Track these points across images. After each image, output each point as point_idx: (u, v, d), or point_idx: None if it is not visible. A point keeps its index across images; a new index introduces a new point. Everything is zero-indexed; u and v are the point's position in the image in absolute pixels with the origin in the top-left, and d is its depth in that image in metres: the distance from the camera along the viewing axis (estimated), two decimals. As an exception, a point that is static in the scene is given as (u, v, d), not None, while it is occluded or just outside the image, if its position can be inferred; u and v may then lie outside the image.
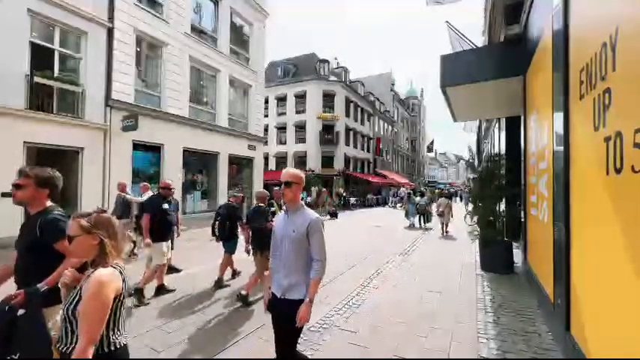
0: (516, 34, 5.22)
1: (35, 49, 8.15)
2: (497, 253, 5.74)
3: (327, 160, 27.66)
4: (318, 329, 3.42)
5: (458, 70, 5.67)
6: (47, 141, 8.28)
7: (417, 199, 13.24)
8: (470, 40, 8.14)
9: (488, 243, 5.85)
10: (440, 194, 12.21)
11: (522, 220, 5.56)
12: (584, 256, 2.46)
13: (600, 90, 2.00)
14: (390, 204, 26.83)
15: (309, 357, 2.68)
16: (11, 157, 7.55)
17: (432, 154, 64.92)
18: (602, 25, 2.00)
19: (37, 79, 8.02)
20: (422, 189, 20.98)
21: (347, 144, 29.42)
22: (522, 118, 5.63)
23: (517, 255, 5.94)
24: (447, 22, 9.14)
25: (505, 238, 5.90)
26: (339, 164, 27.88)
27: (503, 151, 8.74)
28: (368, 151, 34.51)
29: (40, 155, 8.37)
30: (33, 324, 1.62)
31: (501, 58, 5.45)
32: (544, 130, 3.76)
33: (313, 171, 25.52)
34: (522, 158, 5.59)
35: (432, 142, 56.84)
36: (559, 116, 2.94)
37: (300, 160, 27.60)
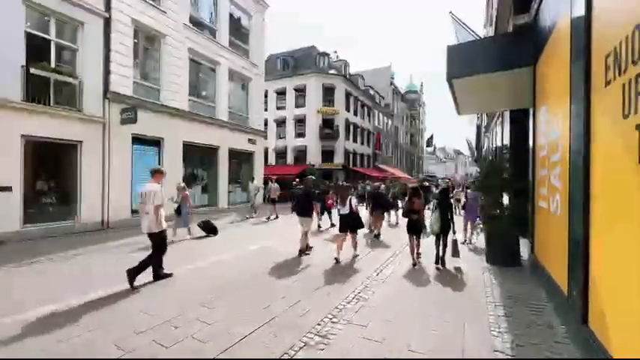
0: (526, 23, 5.10)
1: (31, 39, 7.94)
2: (503, 246, 5.70)
3: (328, 155, 27.54)
4: (327, 323, 3.37)
5: (465, 61, 5.53)
6: (45, 134, 8.13)
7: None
8: (475, 32, 8.00)
9: (494, 236, 5.81)
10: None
11: (530, 212, 5.50)
12: (606, 247, 2.39)
13: (632, 74, 1.91)
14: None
15: (317, 355, 2.61)
16: (9, 150, 7.43)
17: (430, 149, 64.87)
18: (636, 5, 1.90)
19: (33, 70, 7.84)
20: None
21: (347, 138, 29.28)
22: (532, 109, 5.53)
23: (523, 247, 5.90)
24: (450, 12, 8.96)
25: (511, 231, 5.85)
26: (339, 159, 27.78)
27: (506, 143, 8.66)
28: (368, 145, 34.39)
29: (39, 149, 8.23)
30: None
31: (510, 48, 5.32)
32: (558, 120, 3.67)
33: (314, 165, 25.43)
34: (531, 151, 5.51)
35: (431, 137, 56.83)
36: (578, 105, 2.85)
37: (300, 155, 27.48)
